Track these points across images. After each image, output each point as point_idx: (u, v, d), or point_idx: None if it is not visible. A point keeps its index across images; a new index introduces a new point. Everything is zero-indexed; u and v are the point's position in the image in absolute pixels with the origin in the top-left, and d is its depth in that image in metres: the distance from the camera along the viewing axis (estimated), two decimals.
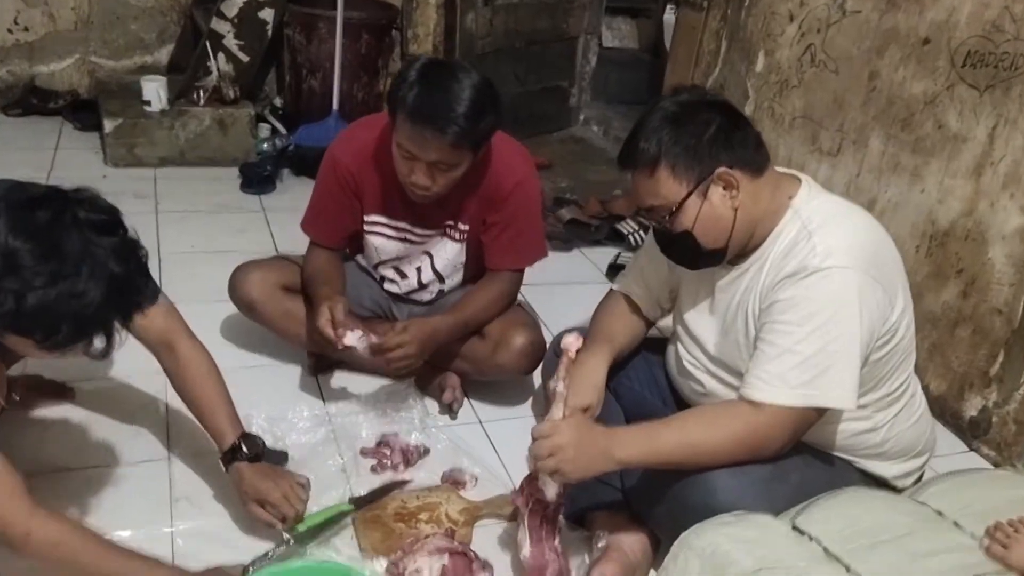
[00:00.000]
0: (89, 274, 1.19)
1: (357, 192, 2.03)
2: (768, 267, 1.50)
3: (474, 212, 2.03)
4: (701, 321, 1.66)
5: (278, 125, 3.72)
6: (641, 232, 3.14)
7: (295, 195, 3.33)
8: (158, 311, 1.59)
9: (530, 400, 2.23)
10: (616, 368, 1.77)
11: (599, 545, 1.64)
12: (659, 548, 1.68)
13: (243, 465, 1.61)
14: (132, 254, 1.28)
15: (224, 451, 1.62)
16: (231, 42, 3.45)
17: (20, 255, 1.16)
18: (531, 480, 1.57)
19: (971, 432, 2.22)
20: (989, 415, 2.17)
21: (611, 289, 1.90)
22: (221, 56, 3.46)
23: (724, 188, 1.48)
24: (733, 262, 1.57)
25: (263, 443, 1.68)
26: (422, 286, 2.17)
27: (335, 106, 3.49)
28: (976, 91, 2.15)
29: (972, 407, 2.22)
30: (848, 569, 1.32)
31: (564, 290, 2.79)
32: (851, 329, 1.41)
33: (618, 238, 3.17)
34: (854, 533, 1.38)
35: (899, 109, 2.38)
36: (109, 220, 1.26)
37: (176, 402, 1.95)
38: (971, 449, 2.21)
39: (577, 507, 1.72)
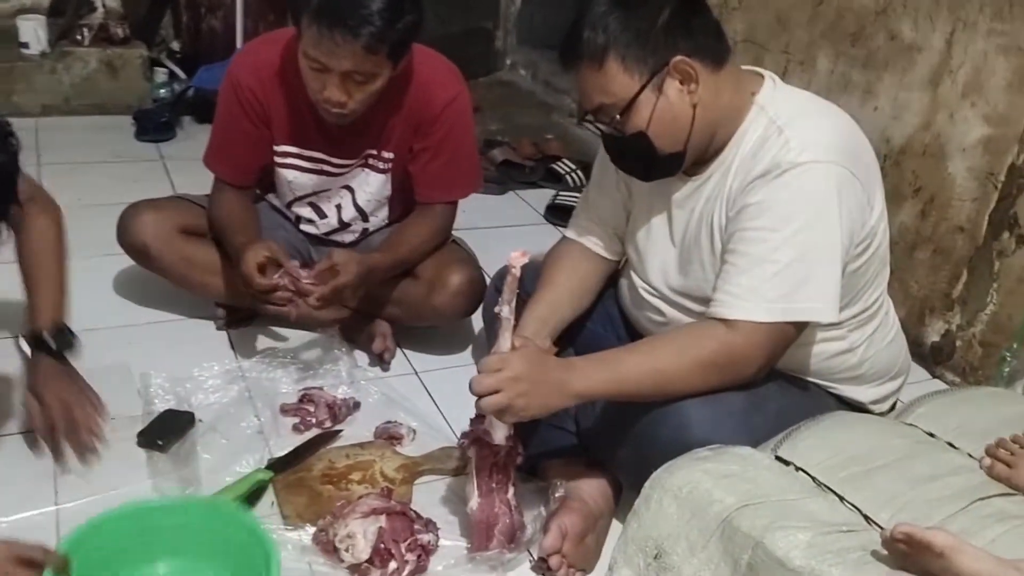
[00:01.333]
0: None
1: (264, 118, 1.79)
2: (734, 170, 1.33)
3: (399, 138, 1.80)
4: (657, 243, 1.48)
5: (176, 69, 3.37)
6: (579, 171, 2.96)
7: (198, 142, 2.94)
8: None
9: (470, 348, 2.03)
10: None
11: (556, 495, 1.46)
12: (622, 495, 1.51)
13: (47, 360, 1.45)
14: (5, 143, 1.17)
15: (30, 332, 1.46)
16: None
17: None
18: (478, 423, 1.38)
19: (934, 359, 2.12)
20: (953, 339, 2.07)
21: (563, 236, 1.67)
22: None
23: (681, 81, 1.29)
24: (691, 172, 1.40)
25: (75, 341, 1.51)
26: (343, 225, 1.94)
27: (239, 45, 3.18)
28: None
29: (934, 332, 2.11)
30: (842, 499, 1.17)
31: (500, 233, 2.59)
32: (831, 233, 1.25)
33: (555, 179, 2.98)
34: (844, 460, 1.23)
35: (848, 23, 2.24)
36: None
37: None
38: (934, 376, 2.11)
39: (528, 455, 1.52)
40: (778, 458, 1.25)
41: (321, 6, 1.52)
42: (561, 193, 2.81)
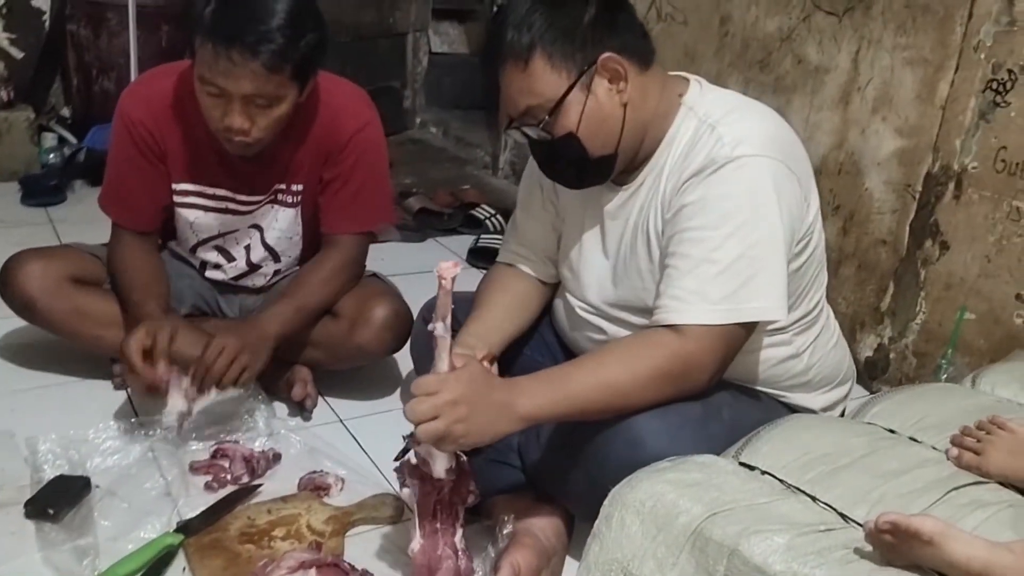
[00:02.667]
0: None
1: (159, 154, 1.65)
2: (667, 173, 1.28)
3: (309, 168, 1.69)
4: (591, 259, 1.41)
5: (66, 134, 3.20)
6: (499, 216, 2.90)
7: (90, 206, 2.78)
8: None
9: (398, 391, 1.90)
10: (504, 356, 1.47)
11: (504, 532, 1.33)
12: (574, 529, 1.40)
13: None
14: None
15: None
16: (0, 36, 2.93)
17: None
18: (408, 462, 1.25)
19: (869, 374, 2.10)
20: (886, 352, 2.06)
21: (496, 263, 1.59)
22: None
23: (610, 80, 1.25)
24: (621, 181, 1.34)
25: None
26: (253, 267, 1.80)
27: None
28: (835, 17, 2.07)
29: (867, 347, 2.10)
30: (814, 499, 1.09)
31: (423, 279, 2.43)
32: (773, 227, 1.21)
33: (474, 224, 2.91)
34: (809, 461, 1.16)
35: (755, 51, 2.28)
36: None
37: None
38: (871, 392, 2.08)
39: None
40: (741, 464, 1.17)
41: (215, 22, 1.42)
42: (483, 236, 2.74)
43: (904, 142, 1.96)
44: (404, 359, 1.87)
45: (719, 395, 1.31)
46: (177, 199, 1.70)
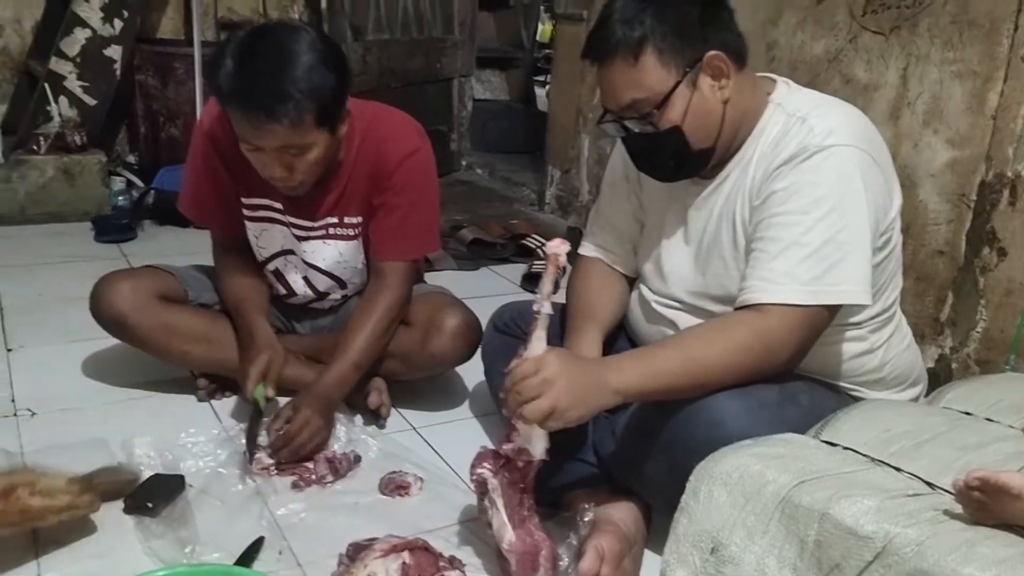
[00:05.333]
0: None
1: (231, 167, 1.72)
2: (756, 162, 1.33)
3: (363, 198, 1.73)
4: (672, 250, 1.46)
5: (134, 178, 3.35)
6: None
7: (160, 242, 2.97)
8: None
9: (467, 402, 1.95)
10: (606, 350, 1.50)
11: (585, 520, 1.36)
12: (652, 521, 1.43)
13: None
14: None
15: None
16: (74, 83, 3.10)
17: None
18: (496, 454, 1.30)
19: (931, 385, 2.10)
20: (948, 362, 2.07)
21: (578, 255, 1.63)
22: (63, 100, 3.10)
23: (713, 77, 1.30)
24: (707, 174, 1.40)
25: None
26: (320, 295, 1.88)
27: None
28: (882, 36, 2.13)
29: (928, 359, 2.11)
30: (899, 470, 1.11)
31: (479, 303, 2.53)
32: (860, 215, 1.25)
33: (526, 253, 2.98)
34: (891, 437, 1.18)
35: (802, 73, 2.35)
36: None
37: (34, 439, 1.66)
38: None
39: (550, 487, 1.43)
40: (823, 441, 1.20)
41: (230, 90, 1.48)
42: (536, 263, 2.81)
43: (956, 153, 2.00)
44: (469, 372, 1.94)
45: (796, 383, 1.34)
46: (246, 212, 1.78)
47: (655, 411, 1.31)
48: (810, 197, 1.24)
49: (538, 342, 1.21)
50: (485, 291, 2.73)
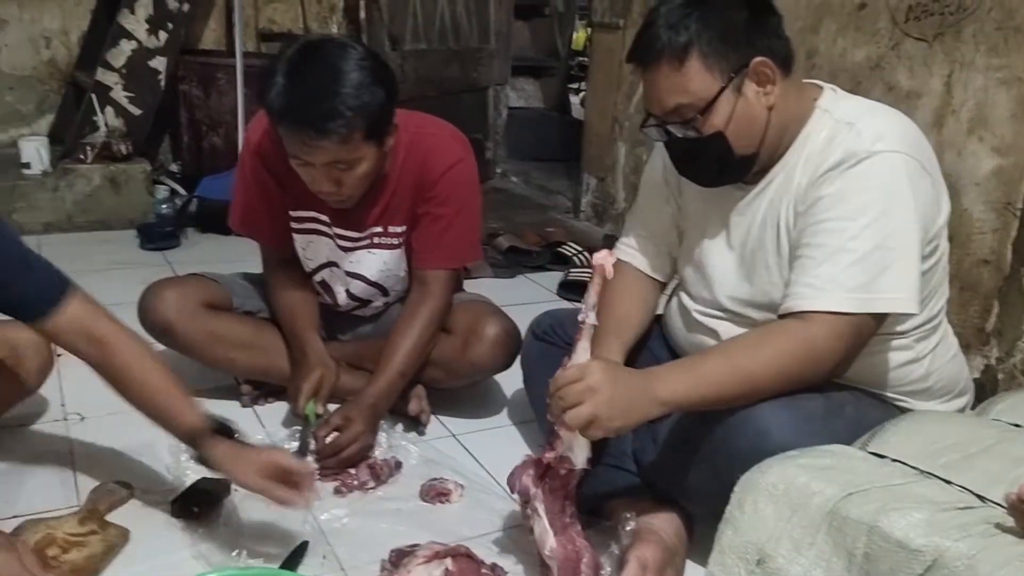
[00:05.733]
0: None
1: (276, 178, 1.74)
2: (801, 167, 1.32)
3: (408, 208, 1.76)
4: (716, 255, 1.45)
5: (177, 187, 3.41)
6: (585, 253, 2.97)
7: (203, 249, 3.03)
8: (73, 303, 1.34)
9: (505, 410, 1.96)
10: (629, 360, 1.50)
11: (627, 529, 1.36)
12: (694, 531, 1.42)
13: (225, 442, 1.32)
14: None
15: (193, 434, 1.32)
16: (120, 94, 3.17)
17: None
18: (538, 462, 1.31)
19: (977, 396, 2.06)
20: (994, 374, 2.03)
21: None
22: (109, 110, 3.17)
23: (758, 83, 1.30)
24: (750, 180, 1.39)
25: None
26: (362, 302, 1.90)
27: None
28: (925, 43, 2.11)
29: (974, 370, 2.06)
30: (948, 483, 1.10)
31: (516, 310, 2.54)
32: (908, 222, 1.24)
33: (562, 261, 2.99)
34: (939, 450, 1.17)
35: (843, 81, 2.32)
36: None
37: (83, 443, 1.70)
38: None
39: (591, 495, 1.44)
40: (870, 453, 1.19)
41: (281, 109, 1.50)
42: (572, 271, 2.81)
43: (1002, 161, 1.97)
44: (507, 380, 1.95)
45: (841, 394, 1.33)
46: (293, 224, 1.81)
47: (698, 420, 1.31)
48: (857, 203, 1.23)
49: (583, 352, 1.21)
50: (522, 299, 2.74)
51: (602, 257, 1.17)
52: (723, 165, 1.34)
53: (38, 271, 1.34)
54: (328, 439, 1.58)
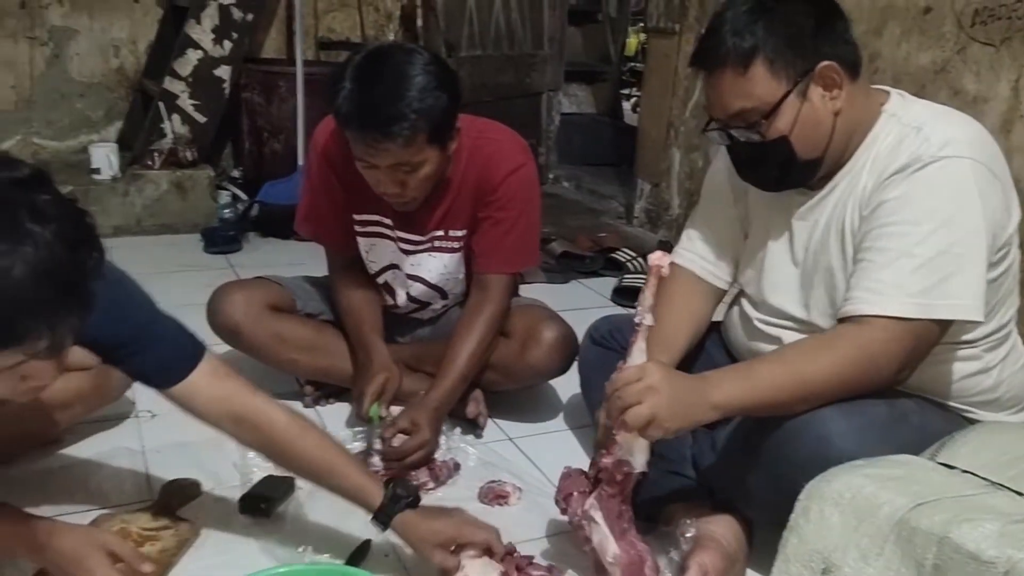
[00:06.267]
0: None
1: (345, 181, 1.77)
2: (867, 172, 1.31)
3: (469, 213, 1.78)
4: (778, 260, 1.44)
5: (239, 192, 3.50)
6: (640, 259, 2.97)
7: (264, 253, 3.10)
8: (205, 373, 1.28)
9: (561, 415, 1.97)
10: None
11: (687, 535, 1.36)
12: (754, 537, 1.42)
13: (409, 513, 1.30)
14: (80, 246, 0.97)
15: (379, 507, 1.29)
16: (186, 102, 3.27)
17: None
18: (582, 473, 1.32)
19: None
20: None
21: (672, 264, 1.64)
22: (176, 117, 3.27)
23: (824, 88, 1.29)
24: (814, 185, 1.38)
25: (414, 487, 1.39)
26: (422, 304, 1.93)
27: (301, 161, 3.30)
28: (992, 47, 2.07)
29: None
30: (1020, 494, 1.08)
31: (569, 317, 2.55)
32: (975, 228, 1.22)
33: (615, 267, 2.99)
34: (1011, 460, 1.15)
35: (907, 85, 2.28)
36: (56, 203, 0.96)
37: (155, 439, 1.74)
38: None
39: (648, 499, 1.44)
40: (939, 463, 1.17)
41: (348, 112, 1.54)
42: (626, 276, 2.81)
43: None
44: (564, 385, 1.96)
45: (906, 402, 1.31)
46: (357, 228, 1.85)
47: (757, 425, 1.30)
48: (922, 208, 1.22)
49: (639, 353, 1.22)
50: (575, 304, 2.74)
51: (657, 258, 1.18)
52: (786, 170, 1.33)
53: (168, 339, 1.28)
54: (395, 442, 1.61)
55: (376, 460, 1.62)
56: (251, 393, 1.32)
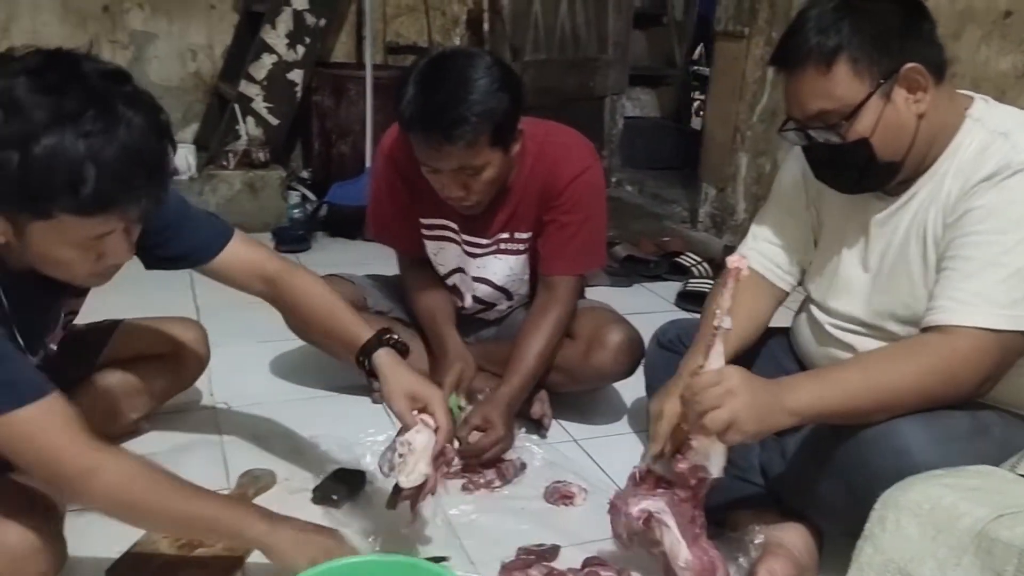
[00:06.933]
0: (101, 117, 1.04)
1: (412, 187, 1.80)
2: (951, 177, 1.28)
3: (535, 215, 1.79)
4: (852, 268, 1.42)
5: (307, 192, 3.58)
6: (705, 264, 2.95)
7: (331, 252, 3.17)
8: (238, 244, 1.47)
9: (625, 417, 1.97)
10: None
11: (756, 542, 1.36)
12: (823, 546, 1.40)
13: (392, 356, 1.38)
14: (163, 135, 1.12)
15: (364, 342, 1.39)
16: (260, 105, 3.37)
17: (21, 98, 1.02)
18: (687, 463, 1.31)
19: None
20: None
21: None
22: (250, 119, 3.37)
23: (909, 90, 1.26)
24: (894, 191, 1.36)
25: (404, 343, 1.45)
26: (488, 305, 1.95)
27: (368, 163, 3.36)
28: None
29: None
30: None
31: (632, 320, 2.55)
32: None
33: (680, 272, 2.97)
34: None
35: (987, 90, 2.22)
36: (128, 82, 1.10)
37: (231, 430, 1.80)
38: None
39: (714, 505, 1.43)
40: (1021, 475, 1.14)
41: (411, 116, 1.57)
42: (691, 281, 2.80)
43: None
44: (627, 388, 1.97)
45: (987, 413, 1.28)
46: (424, 232, 1.88)
47: (830, 434, 1.29)
48: (1011, 216, 1.19)
49: (717, 357, 1.22)
50: (639, 308, 2.74)
51: (736, 260, 1.17)
52: (865, 172, 1.31)
53: (202, 220, 1.48)
54: (471, 438, 1.63)
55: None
56: (277, 258, 1.52)
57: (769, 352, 1.61)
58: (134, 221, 1.14)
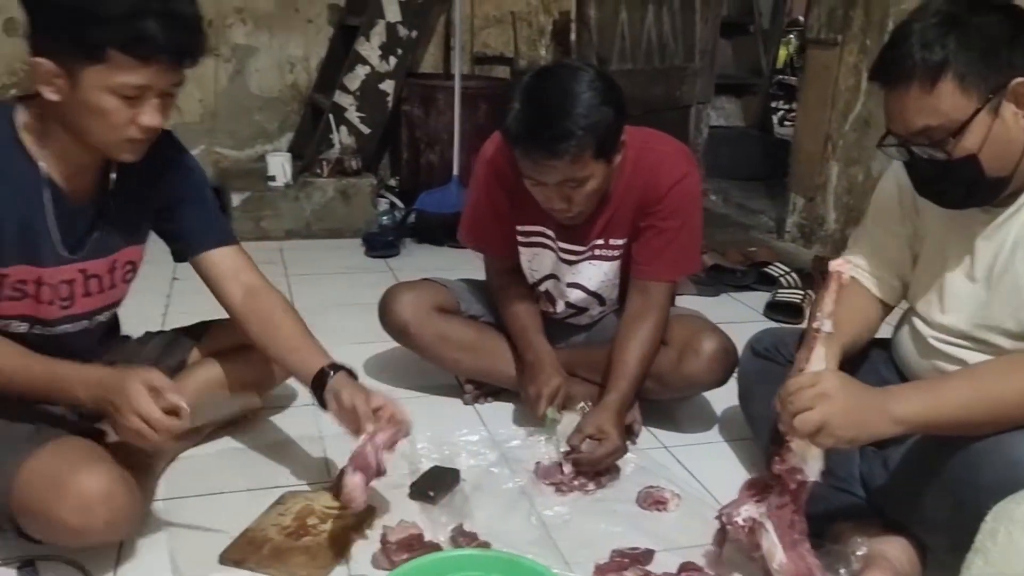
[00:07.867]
0: None
1: (511, 194, 1.83)
2: None
3: (631, 223, 1.81)
4: (956, 282, 1.39)
5: (396, 200, 3.67)
6: (793, 274, 2.91)
7: (419, 258, 3.25)
8: (235, 250, 1.59)
9: (717, 426, 1.97)
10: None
11: (858, 554, 1.34)
12: (927, 560, 1.37)
13: (348, 378, 1.49)
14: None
15: (320, 373, 1.48)
16: (353, 115, 3.48)
17: None
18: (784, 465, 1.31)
19: None
20: None
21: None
22: (343, 129, 3.48)
23: (1017, 105, 1.23)
24: (1000, 203, 1.32)
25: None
26: (579, 310, 1.97)
27: (455, 171, 3.43)
28: None
29: None
30: None
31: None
32: None
33: (768, 282, 2.93)
34: None
35: None
36: None
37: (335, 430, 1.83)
38: None
39: (815, 515, 1.41)
40: None
41: (517, 132, 1.59)
42: (780, 291, 2.76)
43: None
44: (719, 397, 1.96)
45: None
46: (520, 238, 1.91)
47: (936, 447, 1.27)
48: None
49: (818, 360, 1.21)
50: (726, 317, 2.70)
51: (838, 264, 1.17)
52: (972, 188, 1.28)
53: (215, 213, 1.58)
54: (584, 447, 1.65)
55: (567, 468, 1.67)
56: (260, 275, 1.61)
57: (870, 363, 1.59)
58: (171, 86, 1.27)
